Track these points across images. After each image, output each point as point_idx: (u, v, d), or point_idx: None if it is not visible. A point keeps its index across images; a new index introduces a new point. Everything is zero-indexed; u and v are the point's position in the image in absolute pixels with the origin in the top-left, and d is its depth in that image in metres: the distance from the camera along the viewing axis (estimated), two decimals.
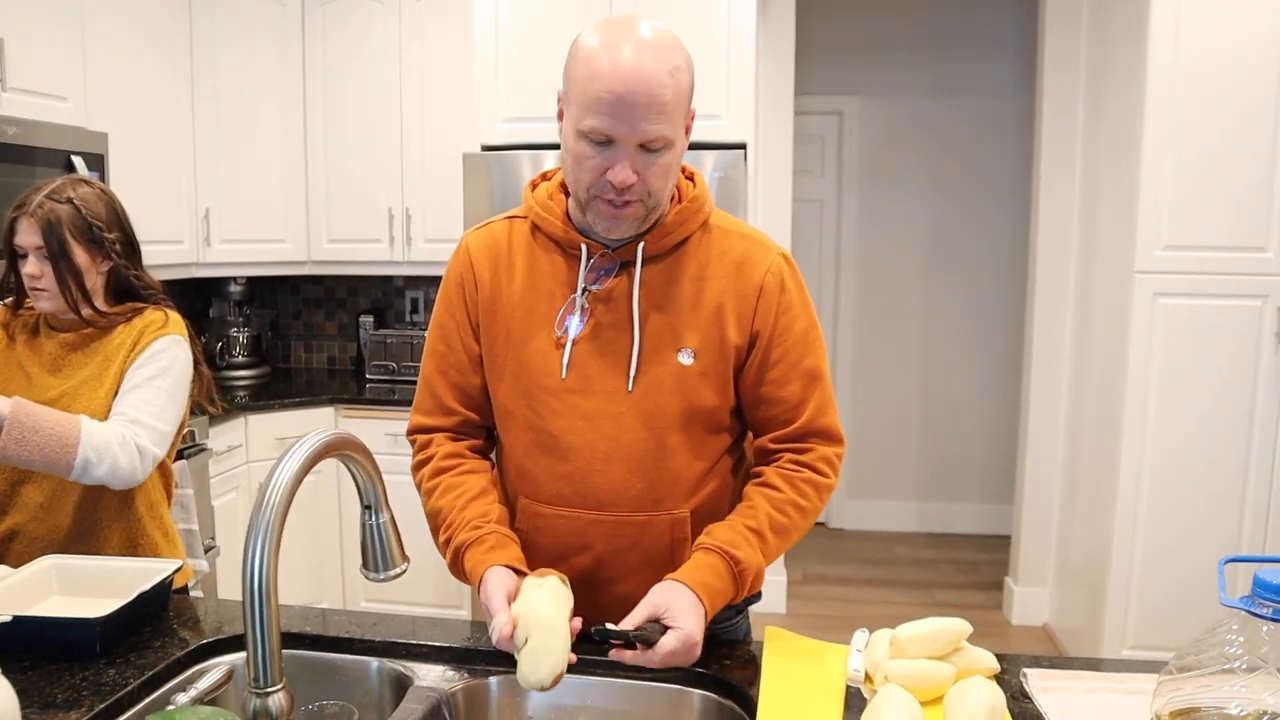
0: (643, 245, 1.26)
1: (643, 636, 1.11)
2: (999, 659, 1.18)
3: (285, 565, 3.11)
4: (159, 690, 1.18)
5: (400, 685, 1.23)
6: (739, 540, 1.22)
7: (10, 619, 1.18)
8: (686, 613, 1.13)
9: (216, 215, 3.39)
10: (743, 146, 2.92)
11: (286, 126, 3.52)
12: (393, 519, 1.11)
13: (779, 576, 3.83)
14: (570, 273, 1.28)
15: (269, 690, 0.89)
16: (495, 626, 1.11)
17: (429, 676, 1.22)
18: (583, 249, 1.27)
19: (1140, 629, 2.95)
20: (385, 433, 3.22)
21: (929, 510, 4.84)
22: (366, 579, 1.12)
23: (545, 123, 2.93)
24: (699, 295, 1.27)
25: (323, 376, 3.86)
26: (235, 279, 3.71)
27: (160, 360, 1.65)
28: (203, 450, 2.87)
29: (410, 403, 1.41)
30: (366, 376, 3.67)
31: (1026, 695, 1.13)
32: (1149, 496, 2.90)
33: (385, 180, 3.53)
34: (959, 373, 4.75)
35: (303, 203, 3.59)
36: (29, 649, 1.20)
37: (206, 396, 1.80)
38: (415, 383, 1.41)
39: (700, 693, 1.19)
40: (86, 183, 1.68)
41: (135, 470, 1.56)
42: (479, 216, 2.88)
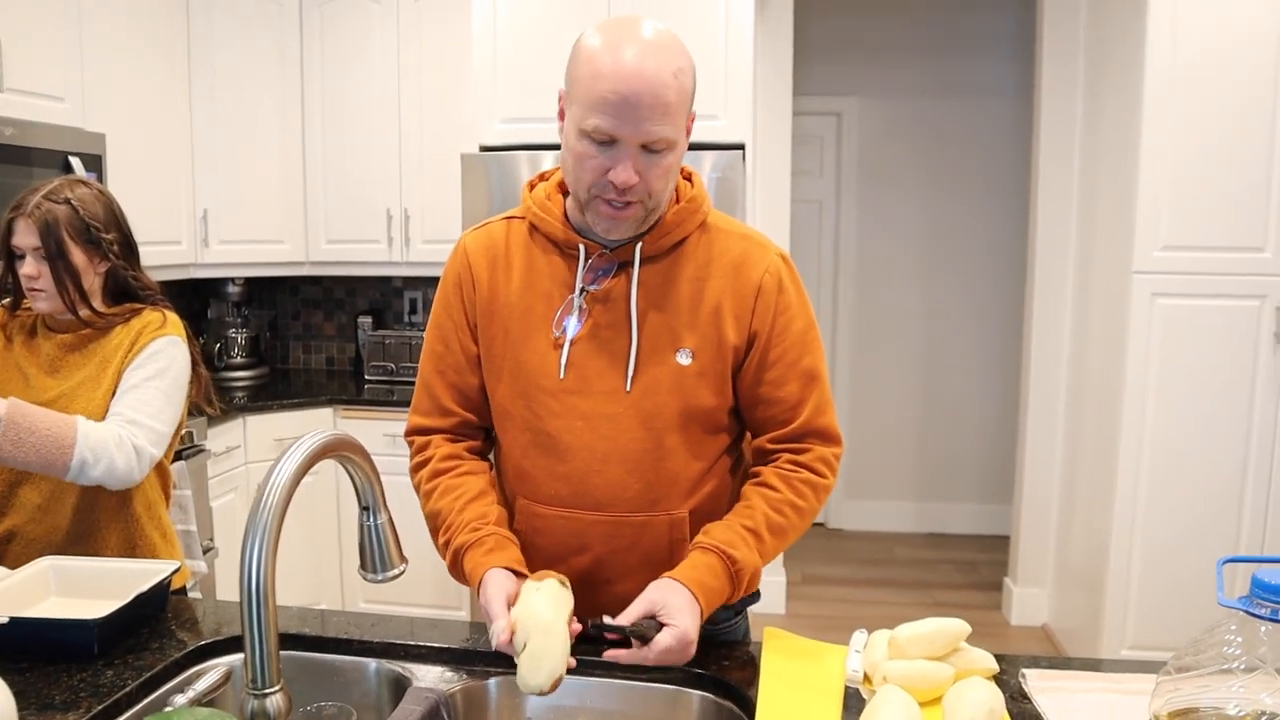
0: (641, 245, 1.26)
1: (639, 632, 1.12)
2: (998, 659, 1.18)
3: (284, 566, 3.10)
4: (157, 691, 1.18)
5: (399, 686, 1.23)
6: (736, 540, 1.22)
7: (8, 620, 1.18)
8: (682, 611, 1.14)
9: (214, 216, 3.39)
10: (741, 147, 2.91)
11: (284, 127, 3.52)
12: (391, 520, 1.11)
13: (778, 577, 3.83)
14: (568, 273, 1.28)
15: (267, 691, 0.89)
16: (494, 631, 1.11)
17: (427, 678, 1.22)
18: (581, 249, 1.27)
19: (1139, 629, 2.95)
20: (384, 433, 3.22)
21: (928, 510, 4.84)
22: (364, 580, 1.12)
23: (543, 123, 2.93)
24: (697, 295, 1.27)
25: (321, 377, 3.86)
26: (233, 280, 3.71)
27: (158, 361, 1.64)
28: (201, 451, 2.87)
29: (409, 403, 1.41)
30: (365, 377, 3.66)
31: (1025, 695, 1.13)
32: (1147, 496, 2.91)
33: (383, 181, 3.53)
34: (958, 373, 4.75)
35: (301, 203, 3.59)
36: (27, 650, 1.20)
37: (204, 397, 1.80)
38: (414, 383, 1.41)
39: (699, 693, 1.19)
40: (84, 183, 1.67)
41: (132, 470, 1.56)
42: (477, 217, 2.88)
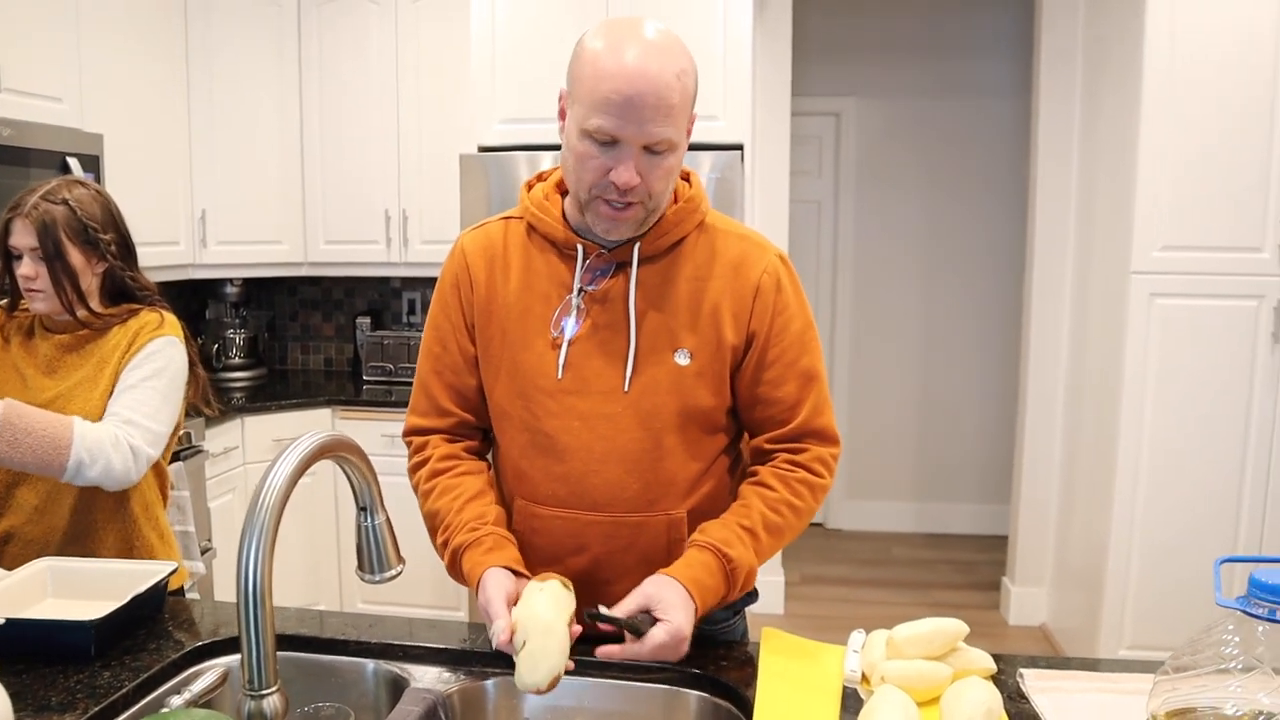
0: (639, 246, 1.26)
1: (633, 625, 1.12)
2: (996, 659, 1.18)
3: (282, 567, 3.10)
4: (154, 693, 1.18)
5: (396, 687, 1.23)
6: (732, 538, 1.22)
7: (4, 621, 1.18)
8: (677, 607, 1.14)
9: (213, 216, 3.39)
10: (740, 147, 2.91)
11: (283, 127, 3.52)
12: (388, 520, 1.11)
13: (776, 577, 3.83)
14: (566, 273, 1.28)
15: (263, 692, 0.89)
16: (495, 631, 1.11)
17: (425, 678, 1.22)
18: (579, 249, 1.27)
19: (1137, 629, 2.96)
20: (382, 434, 3.22)
21: (926, 510, 4.84)
22: (362, 580, 1.12)
23: (542, 123, 2.92)
24: (695, 296, 1.26)
25: (319, 378, 3.86)
26: (231, 280, 3.70)
27: (155, 361, 1.64)
28: (199, 452, 2.87)
29: (407, 404, 1.41)
30: (363, 378, 3.66)
31: (1023, 695, 1.13)
32: (1146, 496, 2.91)
33: (382, 181, 3.53)
34: (956, 373, 4.75)
35: (299, 204, 3.59)
36: (23, 652, 1.19)
37: (202, 398, 1.80)
38: (412, 384, 1.41)
39: (697, 693, 1.19)
40: (81, 184, 1.67)
41: (129, 471, 1.56)
42: (476, 217, 2.87)
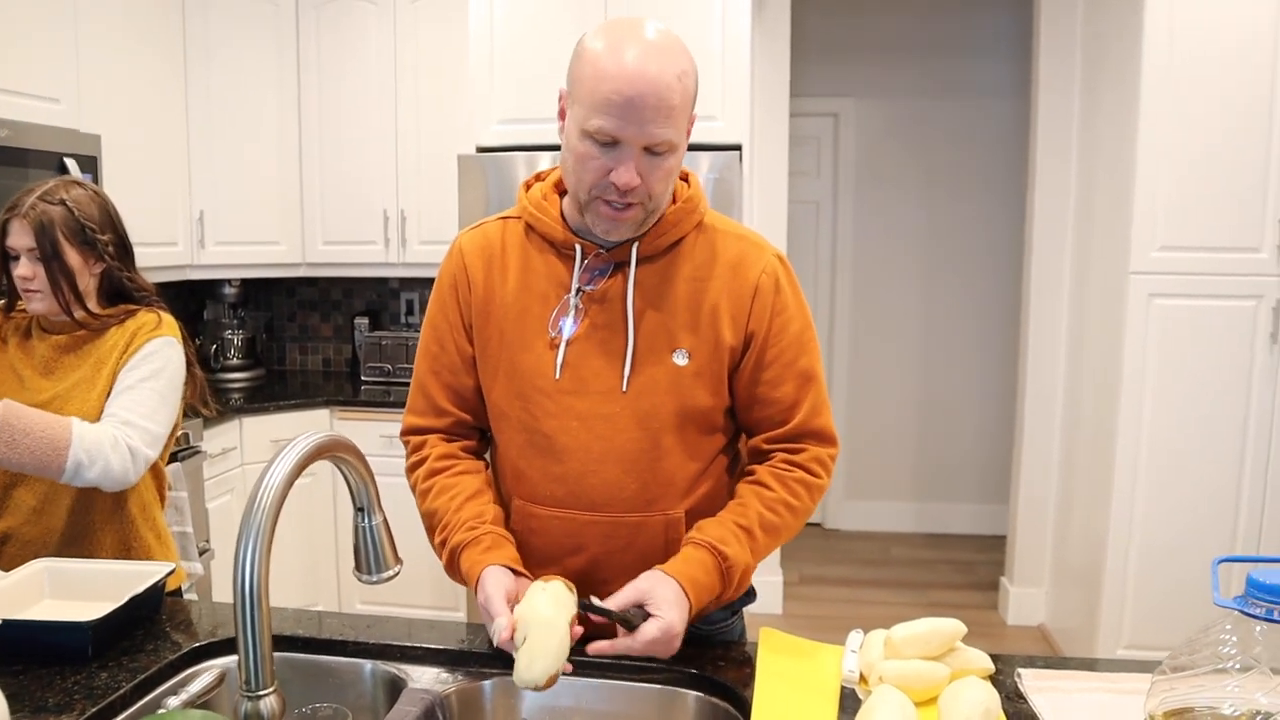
0: (637, 246, 1.26)
1: (626, 619, 1.12)
2: (994, 659, 1.18)
3: (281, 568, 3.11)
4: (151, 694, 1.18)
5: (394, 688, 1.23)
6: (728, 537, 1.22)
7: (1, 623, 1.18)
8: (670, 603, 1.14)
9: (211, 217, 3.39)
10: (738, 148, 2.91)
11: (281, 128, 3.52)
12: (385, 521, 1.11)
13: (775, 577, 3.83)
14: (564, 273, 1.28)
15: (260, 693, 0.89)
16: (496, 629, 1.11)
17: (423, 679, 1.22)
18: (577, 249, 1.27)
19: (1136, 629, 2.96)
20: (380, 434, 3.22)
21: (925, 511, 4.84)
22: (359, 581, 1.12)
23: (540, 124, 2.92)
24: (694, 296, 1.26)
25: (318, 379, 3.85)
26: (230, 281, 3.70)
27: (153, 362, 1.64)
28: (197, 453, 2.87)
29: (405, 405, 1.40)
30: (361, 378, 3.66)
31: (1021, 695, 1.13)
32: (1144, 496, 2.91)
33: (380, 182, 3.53)
34: (955, 373, 4.75)
35: (297, 204, 3.59)
36: (20, 653, 1.19)
37: (200, 399, 1.79)
38: (410, 384, 1.41)
39: (694, 693, 1.19)
40: (79, 184, 1.67)
41: (127, 472, 1.56)
42: (474, 218, 2.86)
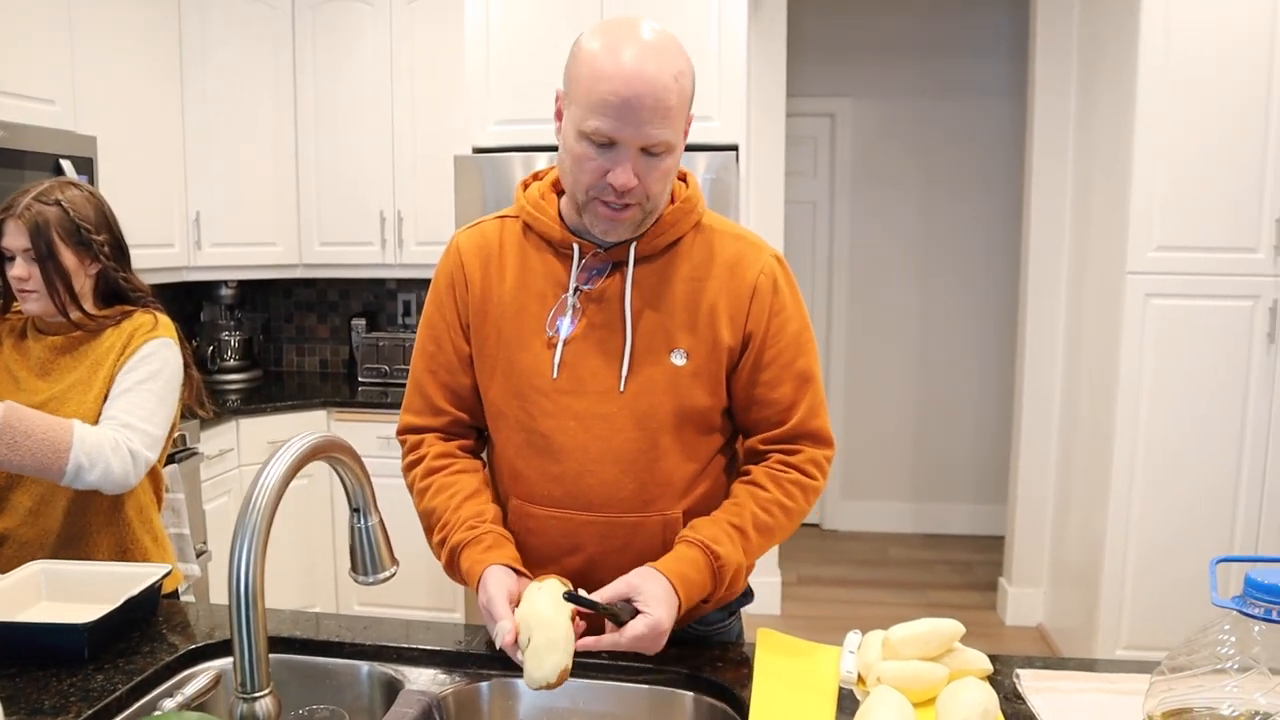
0: (635, 245, 1.26)
1: (612, 613, 1.11)
2: (992, 660, 1.18)
3: (278, 569, 3.10)
4: (147, 696, 1.18)
5: (391, 689, 1.23)
6: (721, 536, 1.22)
7: None
8: (659, 600, 1.13)
9: (207, 218, 3.38)
10: (735, 148, 2.91)
11: (277, 129, 3.51)
12: (381, 522, 1.10)
13: (773, 578, 3.83)
14: (562, 272, 1.28)
15: (256, 695, 0.89)
16: (499, 632, 1.10)
17: (420, 680, 1.22)
18: (575, 248, 1.27)
19: (1134, 629, 2.96)
20: (377, 435, 3.21)
21: (923, 511, 4.84)
22: (355, 582, 1.11)
23: (537, 124, 2.92)
24: (692, 296, 1.26)
25: (315, 380, 3.85)
26: (226, 282, 3.69)
27: (150, 363, 1.64)
28: (194, 454, 2.86)
29: (402, 405, 1.40)
30: (358, 379, 3.66)
31: (1019, 696, 1.13)
32: (1142, 496, 2.91)
33: (376, 182, 3.53)
34: (953, 374, 4.75)
35: (294, 205, 3.58)
36: (17, 655, 1.19)
37: (197, 400, 1.79)
38: (407, 384, 1.41)
39: (692, 694, 1.19)
40: (74, 185, 1.67)
41: (128, 475, 1.55)
42: (470, 218, 2.85)
